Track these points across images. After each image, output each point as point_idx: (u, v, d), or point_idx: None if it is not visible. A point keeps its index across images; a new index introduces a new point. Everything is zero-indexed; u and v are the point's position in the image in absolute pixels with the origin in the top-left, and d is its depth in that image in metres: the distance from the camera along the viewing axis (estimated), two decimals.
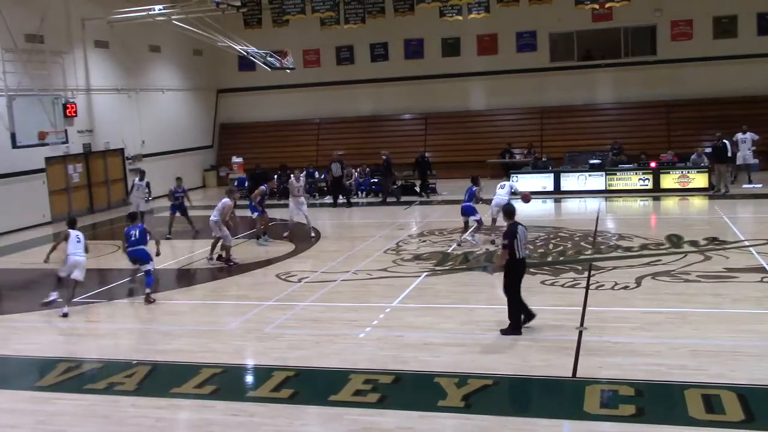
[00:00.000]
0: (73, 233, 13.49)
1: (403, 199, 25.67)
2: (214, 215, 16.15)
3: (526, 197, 17.21)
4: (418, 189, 26.69)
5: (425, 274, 14.40)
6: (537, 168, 26.13)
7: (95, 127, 26.32)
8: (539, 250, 16.01)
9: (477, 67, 31.29)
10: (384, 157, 25.70)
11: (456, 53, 31.51)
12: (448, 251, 16.37)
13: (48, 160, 23.95)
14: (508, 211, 10.84)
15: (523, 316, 10.48)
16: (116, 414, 8.43)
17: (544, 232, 18.00)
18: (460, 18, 27.07)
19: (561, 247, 16.25)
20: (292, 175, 20.01)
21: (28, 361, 10.64)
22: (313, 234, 19.12)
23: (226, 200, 16.27)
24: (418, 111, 32.54)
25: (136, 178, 19.61)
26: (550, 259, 15.24)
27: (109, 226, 23.29)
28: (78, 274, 13.19)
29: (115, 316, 13.21)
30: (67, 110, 23.69)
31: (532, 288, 12.95)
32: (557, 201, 23.96)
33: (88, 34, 26.02)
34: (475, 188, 17.46)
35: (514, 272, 10.36)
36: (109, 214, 25.66)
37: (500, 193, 17.29)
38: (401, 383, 8.93)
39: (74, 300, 13.57)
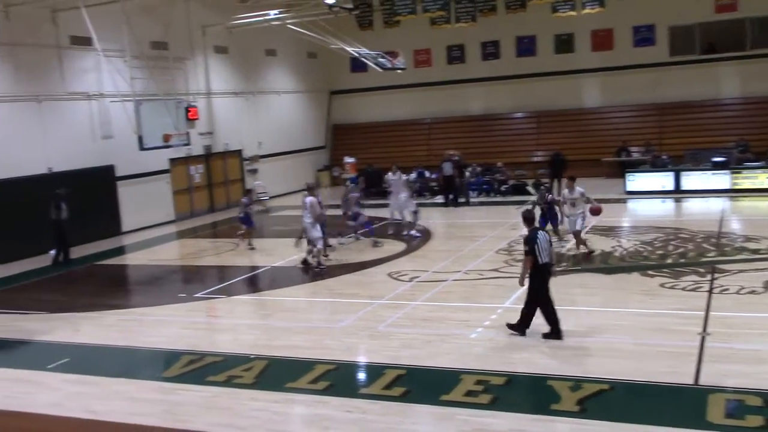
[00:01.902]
0: (306, 200, 15.88)
1: (515, 198, 25.32)
2: (306, 217, 15.89)
3: (596, 210, 16.05)
4: (531, 188, 26.29)
5: None
6: (655, 166, 25.21)
7: (215, 129, 27.38)
8: (658, 252, 15.44)
9: (591, 63, 30.50)
10: (456, 158, 25.38)
11: (569, 50, 30.83)
12: (562, 252, 16.02)
13: (172, 161, 25.13)
14: (528, 217, 10.76)
15: (552, 326, 10.28)
16: (236, 406, 8.74)
17: (663, 233, 17.35)
18: (573, 14, 26.49)
19: (682, 249, 15.61)
20: (390, 173, 20.22)
21: (154, 353, 11.21)
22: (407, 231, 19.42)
23: (310, 198, 16.00)
24: (530, 109, 32.05)
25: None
26: (670, 261, 14.67)
27: (228, 225, 24.15)
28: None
29: (234, 312, 13.69)
30: (189, 113, 24.86)
31: (651, 291, 12.56)
32: (677, 201, 23.04)
33: (208, 41, 27.10)
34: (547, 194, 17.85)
35: (538, 278, 10.23)
36: (228, 213, 26.61)
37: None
38: (513, 385, 8.83)
39: (196, 295, 14.22)
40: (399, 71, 28.57)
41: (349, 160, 31.48)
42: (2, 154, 19.26)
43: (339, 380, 9.33)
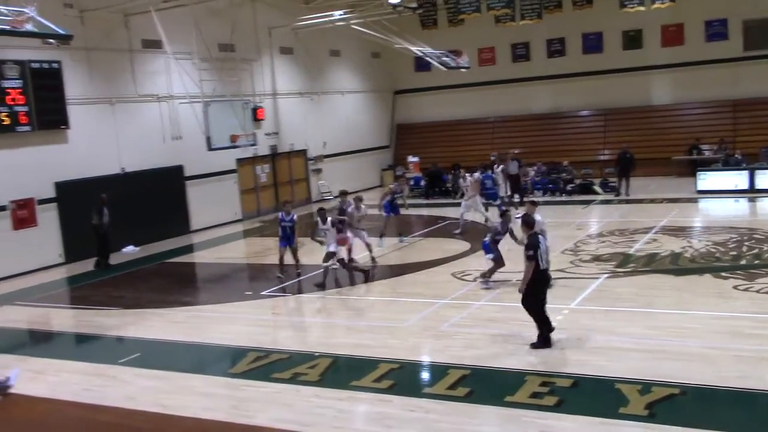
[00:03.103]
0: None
1: (581, 198, 24.90)
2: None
3: (342, 241, 14.57)
4: (597, 188, 25.81)
5: (605, 275, 13.91)
6: (729, 165, 24.45)
7: (280, 129, 27.74)
8: (731, 253, 14.96)
9: (661, 59, 29.72)
10: (492, 157, 24.95)
11: (638, 46, 30.13)
12: (630, 252, 15.69)
13: (239, 161, 25.57)
14: (528, 221, 10.64)
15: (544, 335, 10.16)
16: (300, 403, 8.85)
17: (737, 234, 16.81)
18: (642, 8, 25.81)
19: (756, 250, 15.08)
20: (467, 175, 20.18)
21: (222, 349, 11.42)
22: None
23: (352, 207, 16.58)
24: (597, 107, 31.44)
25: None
26: (743, 262, 14.20)
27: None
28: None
29: (299, 310, 13.85)
30: (256, 114, 25.27)
31: (724, 293, 12.20)
32: (752, 200, 22.28)
33: (274, 42, 27.47)
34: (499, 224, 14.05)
35: (537, 283, 10.06)
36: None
37: None
38: (580, 387, 8.69)
39: (262, 293, 14.39)
40: (463, 70, 28.41)
41: (412, 159, 31.48)
42: (78, 154, 19.92)
43: (402, 379, 9.34)
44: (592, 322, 11.11)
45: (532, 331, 10.26)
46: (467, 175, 20.57)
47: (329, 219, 14.87)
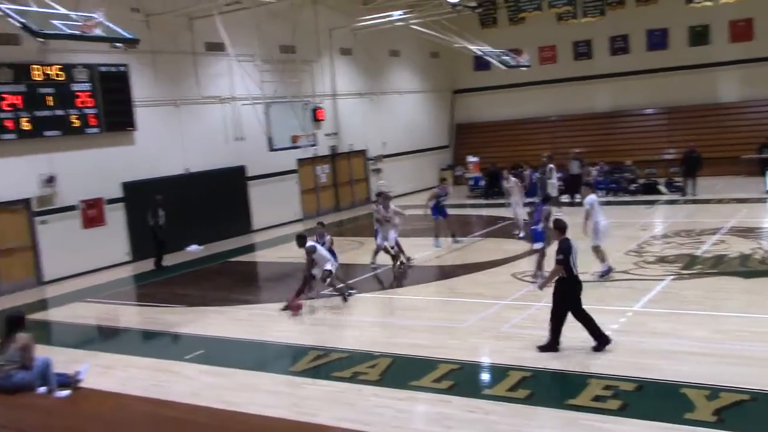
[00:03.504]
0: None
1: (645, 198, 24.36)
2: (395, 220, 16.84)
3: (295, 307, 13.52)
4: (662, 188, 25.24)
5: (671, 277, 13.60)
6: None
7: (340, 129, 27.93)
8: None
9: (729, 55, 28.90)
10: (544, 158, 24.21)
11: (704, 42, 29.35)
12: (697, 254, 15.30)
13: (299, 161, 25.85)
14: (560, 226, 10.45)
15: (552, 339, 10.04)
16: (360, 402, 8.90)
17: None
18: (709, 4, 25.17)
19: None
20: (511, 176, 20.03)
21: (283, 348, 11.58)
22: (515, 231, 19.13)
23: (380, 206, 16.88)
24: (660, 105, 30.74)
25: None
26: None
27: (354, 224, 24.60)
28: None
29: (358, 309, 13.90)
30: (317, 114, 25.51)
31: None
32: None
33: (334, 43, 27.68)
34: (544, 207, 14.61)
35: (570, 290, 9.91)
36: (353, 212, 27.12)
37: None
38: (644, 391, 8.51)
39: (323, 292, 14.43)
40: (523, 69, 28.16)
41: (472, 159, 31.31)
42: (144, 155, 20.43)
43: (462, 380, 9.32)
44: (657, 325, 10.88)
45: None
46: (510, 176, 20.31)
47: (308, 244, 13.92)
